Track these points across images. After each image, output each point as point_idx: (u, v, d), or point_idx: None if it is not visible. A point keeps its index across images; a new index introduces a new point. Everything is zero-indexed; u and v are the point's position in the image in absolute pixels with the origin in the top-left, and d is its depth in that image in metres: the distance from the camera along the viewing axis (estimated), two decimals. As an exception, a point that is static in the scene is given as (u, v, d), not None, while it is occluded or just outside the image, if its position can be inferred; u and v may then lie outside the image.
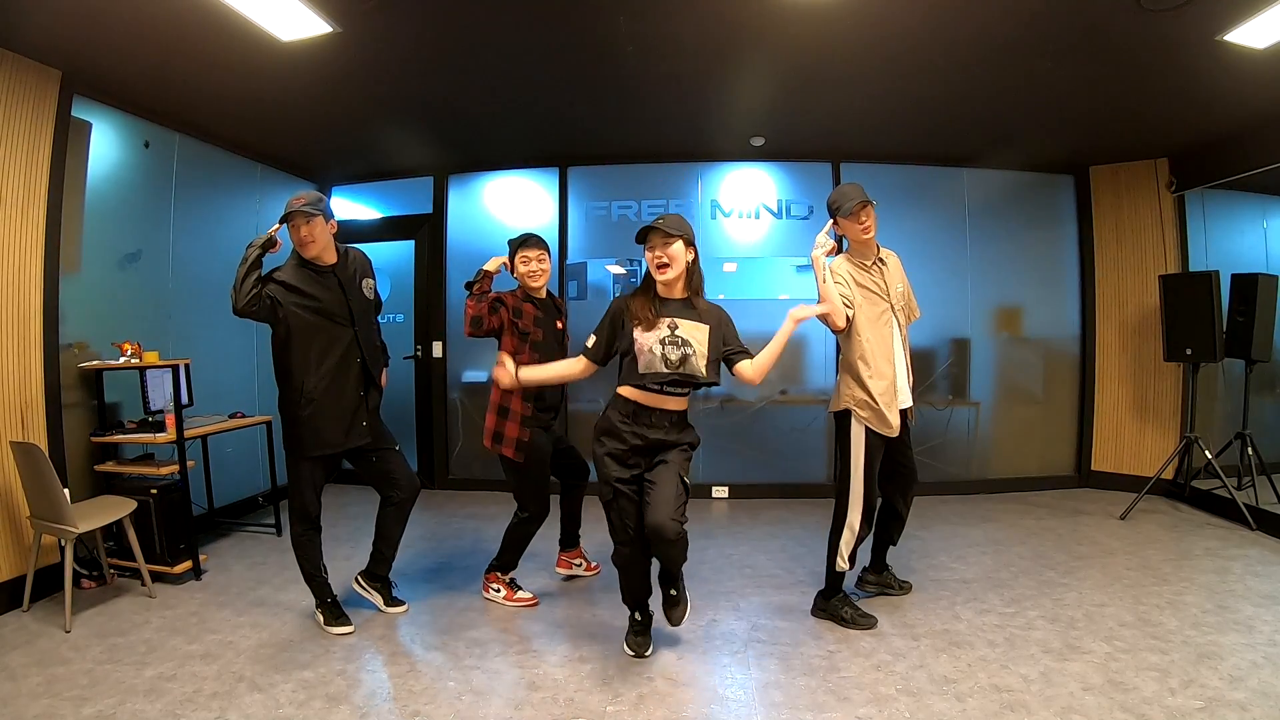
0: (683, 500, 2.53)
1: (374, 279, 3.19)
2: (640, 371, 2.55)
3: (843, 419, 3.01)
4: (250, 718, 2.35)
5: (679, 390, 2.60)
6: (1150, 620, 3.03)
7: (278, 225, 2.90)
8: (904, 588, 3.42)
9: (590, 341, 2.70)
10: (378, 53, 3.51)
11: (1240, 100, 4.03)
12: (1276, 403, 5.19)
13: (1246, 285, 4.56)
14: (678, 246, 2.56)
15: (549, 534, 3.57)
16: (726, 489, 5.37)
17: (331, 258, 3.01)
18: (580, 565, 3.74)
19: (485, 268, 3.29)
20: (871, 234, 2.99)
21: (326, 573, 3.15)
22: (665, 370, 2.53)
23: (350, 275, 3.06)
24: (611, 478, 2.61)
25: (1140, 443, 5.40)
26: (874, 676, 2.60)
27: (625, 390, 2.62)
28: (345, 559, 3.98)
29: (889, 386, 2.94)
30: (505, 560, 3.39)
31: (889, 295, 3.02)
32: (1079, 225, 5.59)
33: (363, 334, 3.03)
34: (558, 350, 3.35)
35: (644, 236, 2.60)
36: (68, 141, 3.56)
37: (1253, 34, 3.16)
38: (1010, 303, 5.56)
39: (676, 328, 2.55)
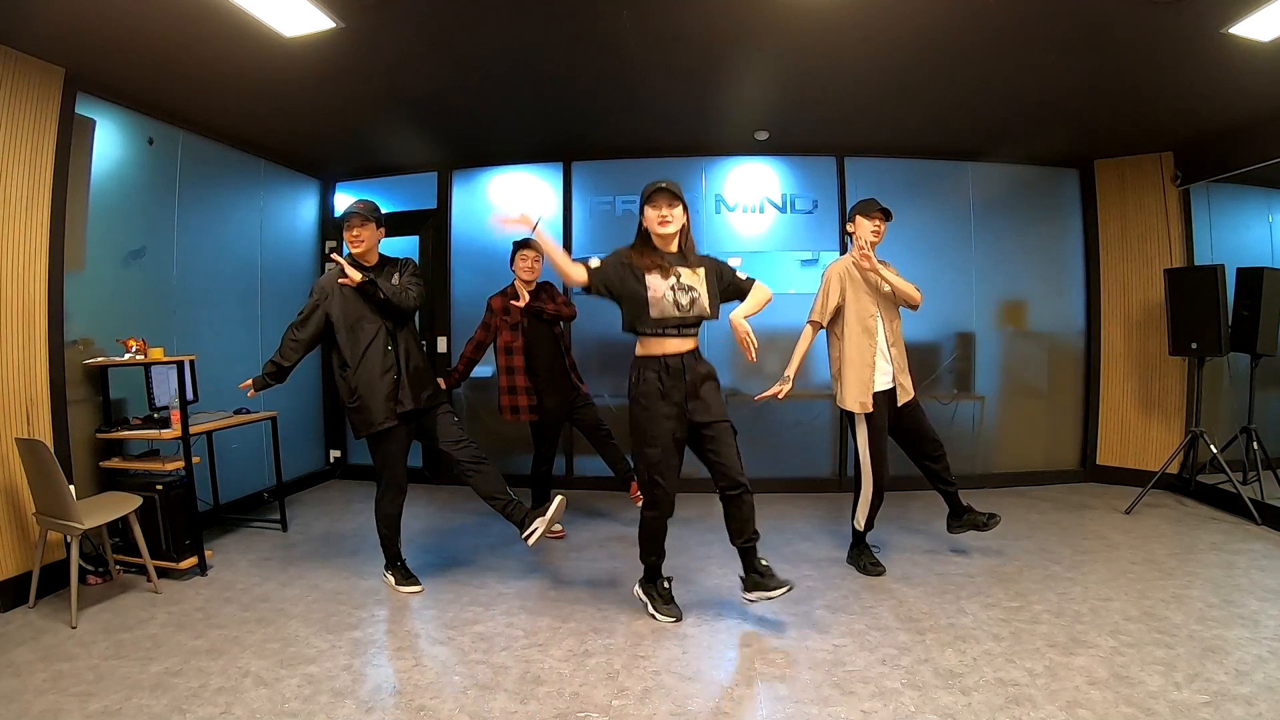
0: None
1: (401, 275, 3.42)
2: (655, 317, 2.83)
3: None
4: (256, 713, 2.35)
5: (691, 331, 2.92)
6: (1155, 615, 3.03)
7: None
8: (991, 521, 3.67)
9: (595, 263, 2.90)
10: (381, 48, 3.50)
11: (1245, 93, 4.01)
12: (1282, 397, 5.18)
13: (1252, 279, 4.54)
14: (679, 209, 2.90)
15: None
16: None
17: (372, 260, 3.41)
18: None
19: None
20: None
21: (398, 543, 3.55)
22: (678, 314, 2.84)
23: (384, 278, 3.34)
24: (660, 438, 2.89)
25: (1145, 437, 5.38)
26: (879, 670, 2.60)
27: (648, 347, 2.89)
28: (350, 554, 3.99)
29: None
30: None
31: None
32: (1084, 219, 5.57)
33: (394, 325, 3.37)
34: (547, 330, 4.14)
35: (650, 196, 2.87)
36: (72, 139, 3.56)
37: (1258, 26, 3.14)
38: (1015, 296, 5.54)
39: (680, 276, 2.87)
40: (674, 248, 2.94)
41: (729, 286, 3.01)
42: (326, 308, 3.33)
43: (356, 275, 3.23)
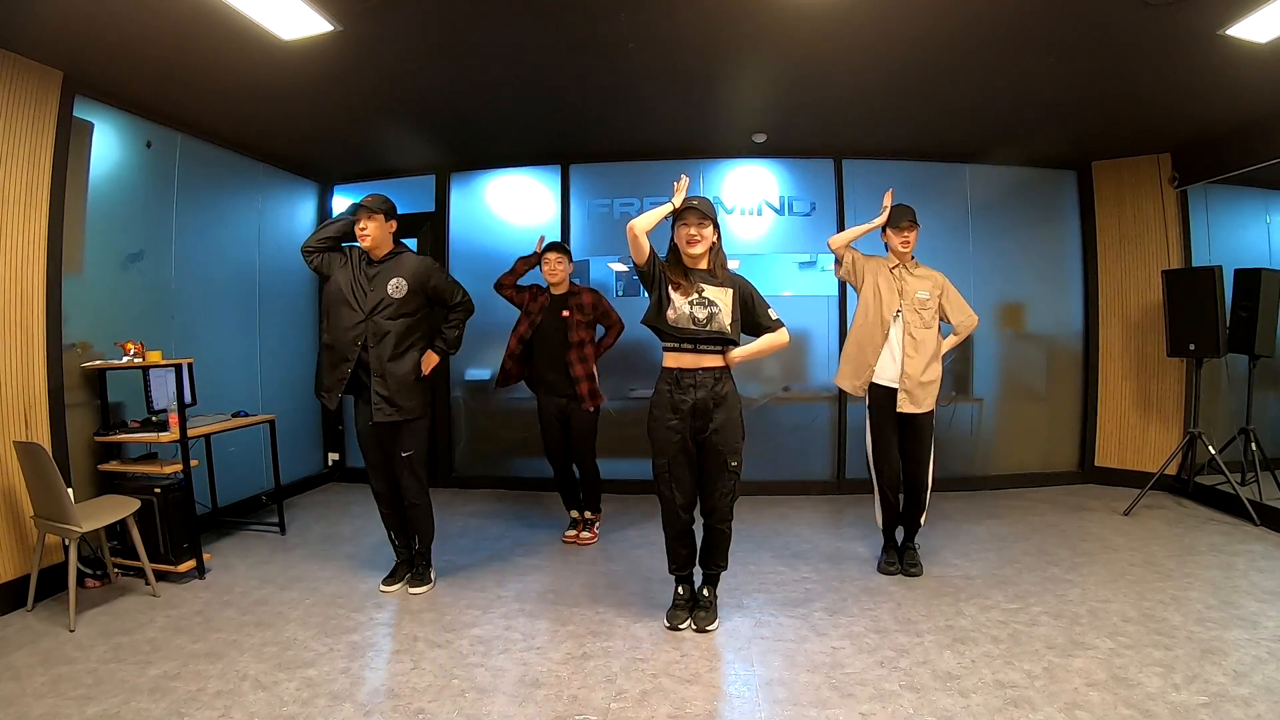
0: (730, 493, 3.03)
1: (409, 280, 3.30)
2: (671, 324, 2.87)
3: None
4: (254, 716, 2.35)
5: (713, 348, 2.89)
6: (1154, 616, 3.03)
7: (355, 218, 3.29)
8: (904, 567, 3.64)
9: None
10: (379, 51, 3.51)
11: (1242, 95, 4.01)
12: (1280, 398, 5.19)
13: (1249, 280, 4.55)
14: (709, 229, 2.90)
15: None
16: (729, 486, 5.37)
17: (383, 253, 3.33)
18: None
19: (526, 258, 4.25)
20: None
21: (397, 542, 3.59)
22: (693, 327, 2.85)
23: (386, 272, 3.29)
24: (665, 449, 2.93)
25: (1144, 438, 5.39)
26: (878, 673, 2.60)
27: (666, 359, 2.95)
28: (348, 557, 3.99)
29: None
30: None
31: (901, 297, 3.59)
32: (1082, 221, 5.57)
33: (374, 325, 3.24)
34: (556, 335, 4.11)
35: (682, 213, 2.88)
36: (70, 142, 3.56)
37: (1255, 28, 3.14)
38: (1013, 299, 5.55)
39: (703, 291, 2.88)
40: (704, 265, 2.95)
41: (748, 317, 2.97)
42: (334, 265, 3.33)
43: (433, 360, 3.36)
